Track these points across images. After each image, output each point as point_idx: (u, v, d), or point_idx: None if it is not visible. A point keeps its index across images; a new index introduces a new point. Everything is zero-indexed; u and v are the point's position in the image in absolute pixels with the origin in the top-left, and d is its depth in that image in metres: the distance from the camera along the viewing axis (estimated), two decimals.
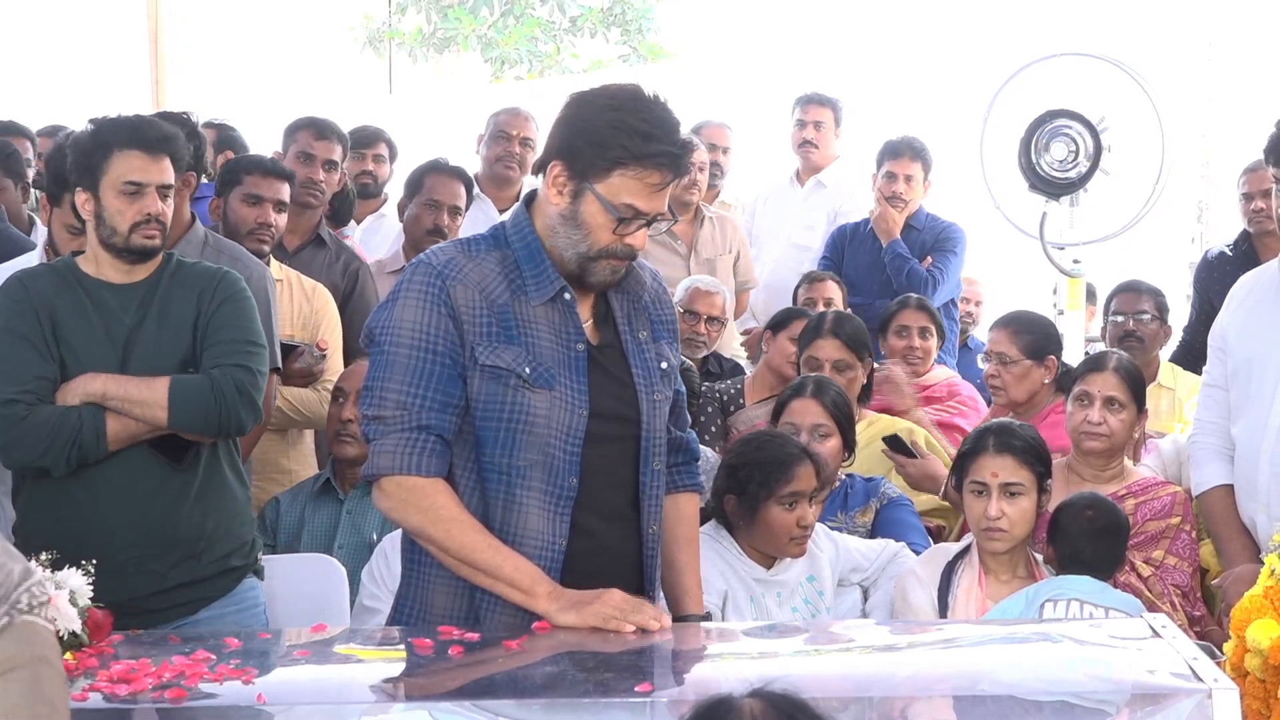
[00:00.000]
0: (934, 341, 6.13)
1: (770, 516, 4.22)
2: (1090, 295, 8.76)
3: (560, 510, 3.34)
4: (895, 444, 5.20)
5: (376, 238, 7.23)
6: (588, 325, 3.43)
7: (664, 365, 3.50)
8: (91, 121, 4.05)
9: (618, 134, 3.25)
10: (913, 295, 6.40)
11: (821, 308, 6.51)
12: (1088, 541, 4.23)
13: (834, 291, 6.74)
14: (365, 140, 7.36)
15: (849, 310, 6.31)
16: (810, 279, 6.87)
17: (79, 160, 4.00)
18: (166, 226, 4.01)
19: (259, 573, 4.24)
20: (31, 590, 2.26)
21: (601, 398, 3.38)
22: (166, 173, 4.00)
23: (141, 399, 3.92)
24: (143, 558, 3.95)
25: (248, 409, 4.00)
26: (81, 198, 4.00)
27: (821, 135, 7.85)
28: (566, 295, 3.37)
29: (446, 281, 3.31)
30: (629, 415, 3.43)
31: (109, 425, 3.93)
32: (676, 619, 3.58)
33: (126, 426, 3.94)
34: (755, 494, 4.21)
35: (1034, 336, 5.48)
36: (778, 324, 6.16)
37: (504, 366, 3.30)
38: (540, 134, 6.94)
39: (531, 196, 3.46)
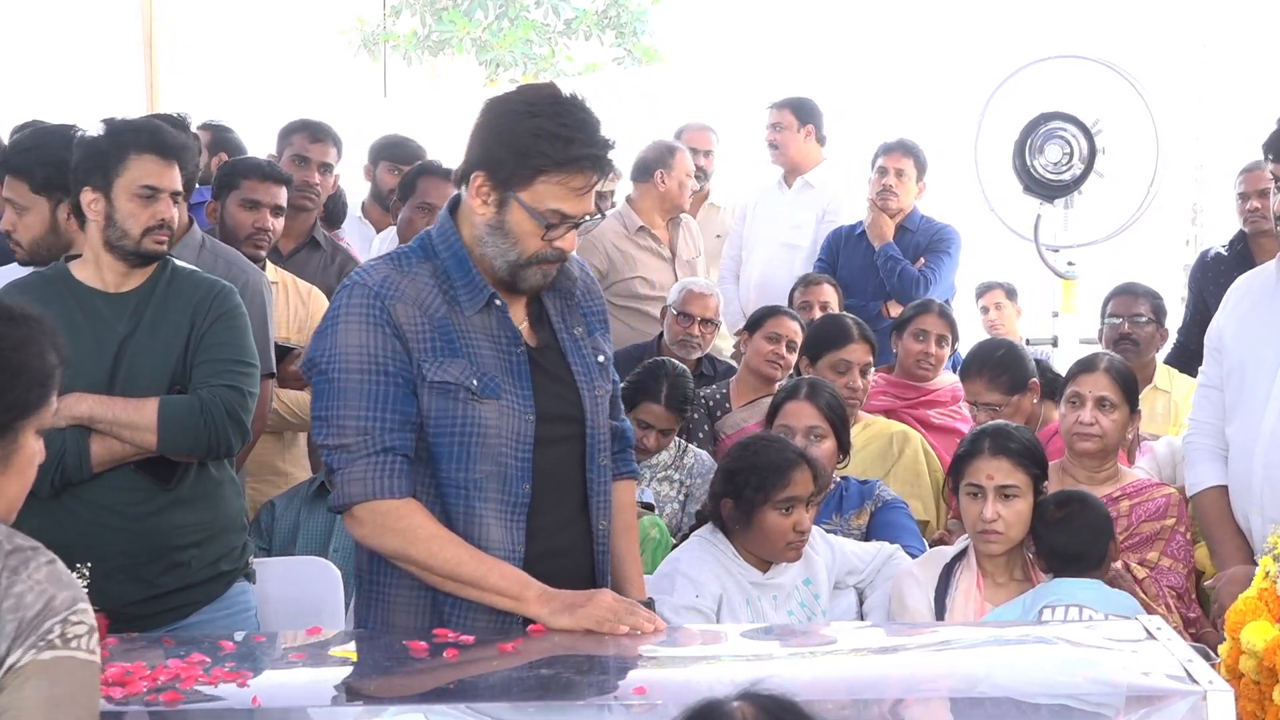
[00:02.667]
0: (948, 351, 6.12)
1: (766, 521, 4.21)
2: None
3: (516, 518, 3.35)
4: None
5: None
6: (523, 327, 3.42)
7: (600, 359, 3.51)
8: (104, 122, 4.02)
9: (538, 141, 3.23)
10: (934, 301, 6.38)
11: (817, 311, 6.51)
12: (1059, 536, 4.24)
13: (829, 295, 6.74)
14: (405, 156, 7.26)
15: (843, 313, 6.30)
16: (806, 281, 6.87)
17: (89, 160, 3.96)
18: (175, 232, 4.03)
19: (250, 576, 4.23)
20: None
21: (545, 400, 3.38)
22: (178, 180, 4.01)
23: (130, 421, 3.89)
24: (132, 565, 3.92)
25: (236, 431, 3.98)
26: (89, 197, 3.96)
27: (782, 136, 7.82)
28: (497, 302, 3.36)
29: (386, 301, 3.29)
30: (573, 414, 3.43)
31: (94, 448, 3.90)
32: None
33: (111, 449, 3.91)
34: (751, 499, 4.21)
35: (1009, 373, 5.48)
36: (754, 324, 6.17)
37: (452, 381, 3.29)
38: None
39: (455, 203, 3.43)
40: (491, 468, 3.32)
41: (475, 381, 3.30)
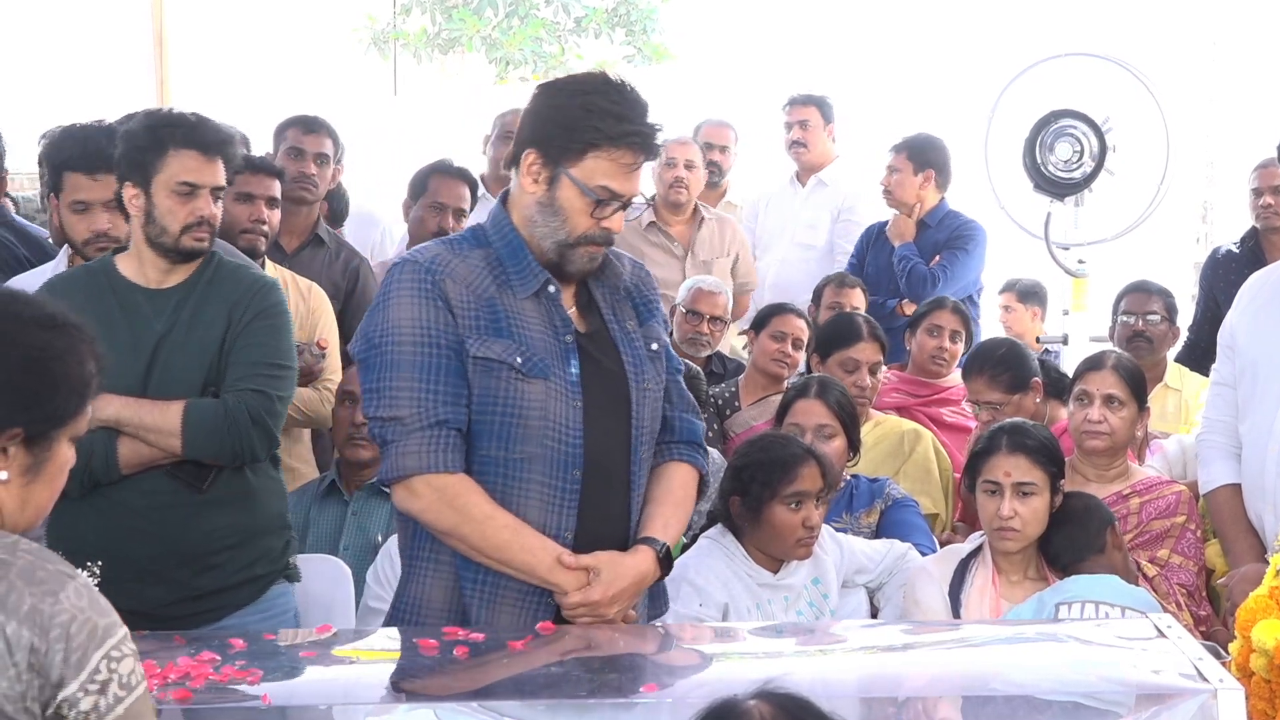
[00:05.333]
0: (961, 346, 6.12)
1: (775, 517, 4.20)
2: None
3: (567, 503, 3.34)
4: None
5: None
6: (571, 313, 3.43)
7: (654, 347, 3.51)
8: (147, 114, 3.98)
9: (589, 116, 3.27)
10: (948, 297, 6.39)
11: None
12: (1049, 535, 4.28)
13: (860, 300, 6.72)
14: None
15: (854, 311, 6.29)
16: (841, 283, 6.81)
17: (130, 154, 3.91)
18: (215, 229, 3.97)
19: (290, 576, 4.17)
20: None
21: (593, 387, 3.38)
22: (220, 175, 3.95)
23: (155, 425, 3.85)
24: (164, 568, 3.88)
25: (262, 437, 3.93)
26: (130, 193, 3.91)
27: (809, 134, 7.81)
28: (551, 288, 3.38)
29: (436, 277, 3.32)
30: (620, 404, 3.42)
31: (122, 451, 3.86)
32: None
33: (139, 452, 3.87)
34: (759, 494, 4.20)
35: (1011, 372, 5.45)
36: (760, 322, 6.16)
37: (495, 358, 3.30)
38: None
39: (506, 195, 3.47)
40: (536, 450, 3.32)
41: (519, 359, 3.30)
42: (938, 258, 7.09)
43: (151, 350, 3.92)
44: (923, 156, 7.21)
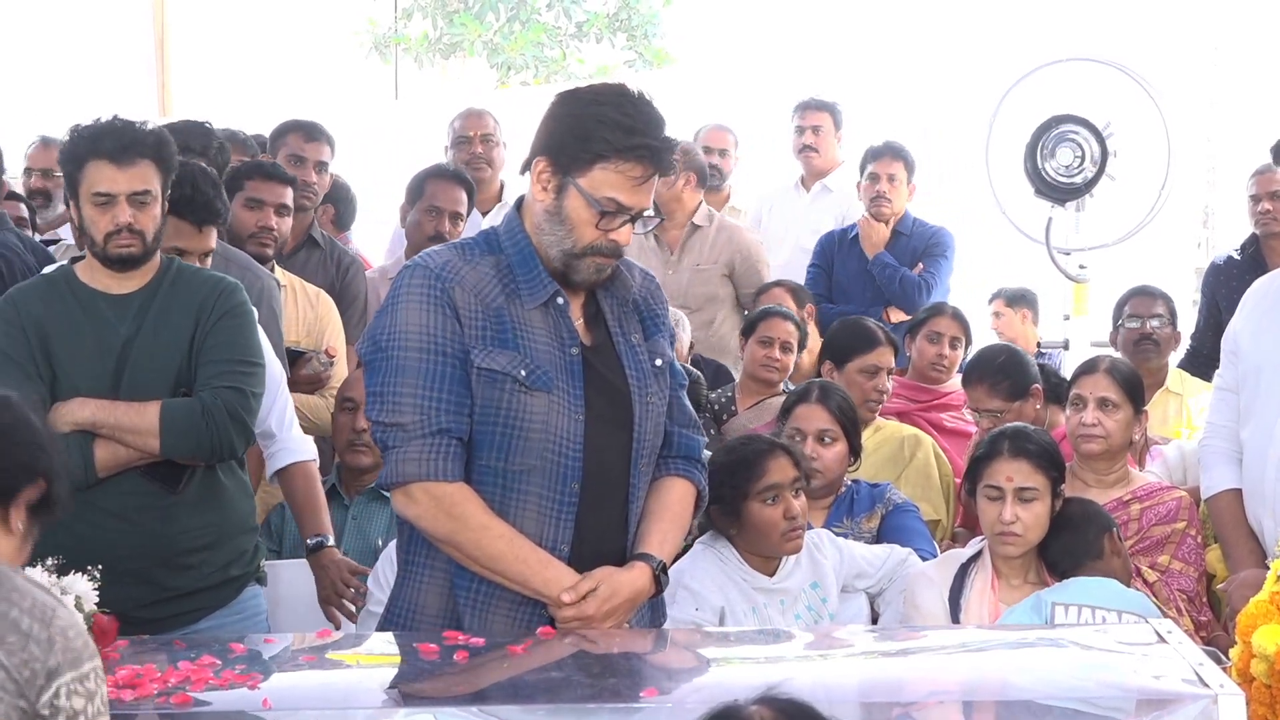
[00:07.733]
0: (961, 353, 6.11)
1: (753, 516, 4.19)
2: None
3: (564, 516, 3.34)
4: None
5: None
6: (578, 324, 3.42)
7: (658, 362, 3.49)
8: (72, 130, 3.97)
9: (600, 127, 3.26)
10: (948, 304, 6.38)
11: None
12: (1046, 539, 4.27)
13: (787, 299, 6.70)
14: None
15: (862, 317, 6.26)
16: (760, 290, 6.80)
17: (64, 171, 3.96)
18: (146, 234, 3.90)
19: (260, 580, 4.20)
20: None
21: (596, 400, 3.37)
22: (139, 179, 3.88)
23: (132, 426, 3.86)
24: (140, 569, 3.88)
25: (239, 432, 3.94)
26: (73, 208, 3.97)
27: (821, 139, 7.84)
28: (559, 300, 3.37)
29: (445, 284, 3.31)
30: (622, 418, 3.41)
31: (98, 454, 3.86)
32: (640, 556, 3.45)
33: (115, 454, 3.88)
34: (732, 497, 4.18)
35: (1011, 379, 5.45)
36: (748, 328, 6.14)
37: (499, 370, 3.29)
38: (499, 128, 6.98)
39: (521, 201, 3.46)
40: (535, 462, 3.31)
41: (524, 372, 3.29)
42: (920, 265, 7.09)
43: (118, 354, 3.92)
44: (912, 165, 7.27)
